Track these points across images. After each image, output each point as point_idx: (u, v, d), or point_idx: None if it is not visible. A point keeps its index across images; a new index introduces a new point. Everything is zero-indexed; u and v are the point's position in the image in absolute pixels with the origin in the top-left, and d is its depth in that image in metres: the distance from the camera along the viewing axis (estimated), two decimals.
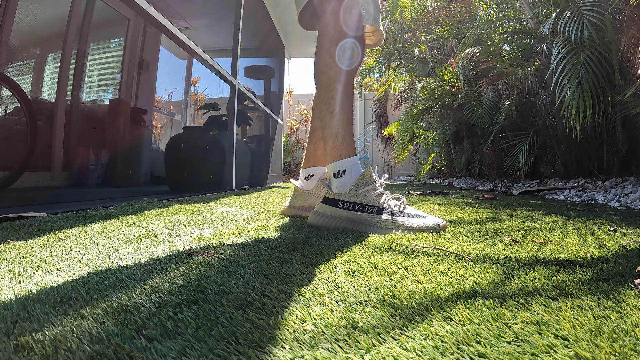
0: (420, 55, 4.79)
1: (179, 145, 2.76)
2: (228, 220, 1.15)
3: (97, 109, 3.19)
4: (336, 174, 1.00)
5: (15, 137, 2.16)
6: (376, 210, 0.94)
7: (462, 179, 4.49)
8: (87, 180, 2.79)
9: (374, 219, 0.93)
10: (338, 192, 0.99)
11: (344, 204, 0.97)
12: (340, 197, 0.98)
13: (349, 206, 0.97)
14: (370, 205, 0.95)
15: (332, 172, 1.01)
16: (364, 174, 0.97)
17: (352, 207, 0.96)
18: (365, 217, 0.94)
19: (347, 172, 0.99)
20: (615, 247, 0.69)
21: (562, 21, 2.14)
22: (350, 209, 0.96)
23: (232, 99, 3.12)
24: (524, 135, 2.89)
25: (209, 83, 5.42)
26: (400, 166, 8.12)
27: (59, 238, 0.81)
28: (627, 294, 0.43)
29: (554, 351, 0.31)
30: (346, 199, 0.97)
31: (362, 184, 0.96)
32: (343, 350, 0.32)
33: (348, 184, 0.98)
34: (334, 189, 1.00)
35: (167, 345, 0.32)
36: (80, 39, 2.93)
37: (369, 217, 0.94)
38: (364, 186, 0.96)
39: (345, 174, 0.99)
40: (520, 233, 0.86)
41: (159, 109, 4.73)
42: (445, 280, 0.50)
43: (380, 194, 0.96)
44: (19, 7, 2.31)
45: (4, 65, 2.36)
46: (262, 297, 0.44)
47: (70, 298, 0.44)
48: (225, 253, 0.68)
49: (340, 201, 0.98)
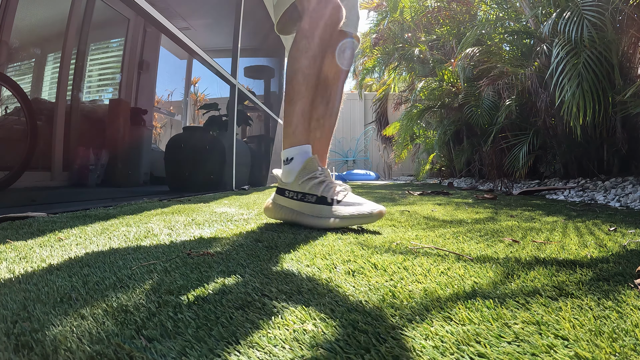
0: (420, 55, 4.79)
1: (179, 145, 2.76)
2: (228, 220, 1.15)
3: (97, 109, 3.19)
4: (285, 161, 0.99)
5: (15, 137, 2.16)
6: (315, 199, 0.92)
7: (462, 179, 4.49)
8: (87, 180, 2.79)
9: (313, 209, 0.92)
10: (285, 182, 0.97)
11: (289, 193, 0.96)
12: (286, 186, 0.97)
13: (293, 195, 0.95)
14: (309, 194, 0.93)
15: (283, 159, 1.00)
16: (307, 161, 0.95)
17: (295, 197, 0.95)
18: (305, 207, 0.93)
19: (294, 160, 0.97)
20: (615, 247, 0.69)
21: (562, 21, 2.14)
22: (294, 199, 0.95)
23: (232, 99, 3.12)
24: (524, 135, 2.89)
25: (209, 83, 5.42)
26: (400, 166, 8.12)
27: (59, 238, 0.81)
28: (627, 294, 0.43)
29: (554, 351, 0.31)
30: (291, 188, 0.96)
31: (305, 172, 0.94)
32: (343, 350, 0.32)
33: (294, 173, 0.96)
34: (283, 179, 0.99)
35: (167, 345, 0.32)
36: (80, 39, 2.93)
37: (308, 207, 0.93)
38: (306, 174, 0.94)
39: (293, 162, 0.97)
40: (520, 233, 0.86)
41: (159, 109, 4.73)
42: (445, 280, 0.50)
43: (320, 182, 0.94)
44: (19, 7, 2.31)
45: (4, 65, 2.36)
46: (262, 297, 0.44)
47: (70, 298, 0.44)
48: (225, 253, 0.68)
49: (286, 190, 0.97)
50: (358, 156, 8.64)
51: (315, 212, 0.92)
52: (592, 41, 2.04)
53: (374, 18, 5.97)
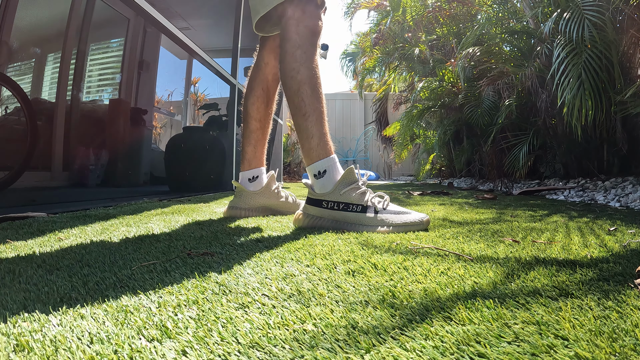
0: (420, 55, 4.79)
1: (179, 146, 2.76)
2: (228, 220, 1.15)
3: (97, 109, 3.19)
4: (317, 175, 1.01)
5: (15, 137, 2.16)
6: (360, 208, 0.96)
7: (462, 179, 4.49)
8: (87, 180, 2.79)
9: (359, 218, 0.95)
10: (321, 192, 0.99)
11: (328, 204, 0.98)
12: (323, 197, 0.99)
13: (333, 205, 0.98)
14: (354, 204, 0.96)
15: (313, 173, 1.02)
16: (346, 173, 0.98)
17: (336, 207, 0.98)
18: (350, 216, 0.96)
19: (328, 172, 1.00)
20: (615, 247, 0.69)
21: (563, 21, 2.14)
22: (334, 209, 0.98)
23: (232, 99, 3.12)
24: (524, 135, 2.89)
25: (209, 83, 5.41)
26: (400, 166, 8.12)
27: (59, 238, 0.81)
28: (627, 294, 0.43)
29: (554, 351, 0.31)
30: (330, 198, 0.98)
31: (345, 183, 0.98)
32: (343, 350, 0.32)
33: (330, 184, 0.99)
34: (316, 190, 1.01)
35: (167, 345, 0.32)
36: (80, 39, 2.93)
37: (353, 216, 0.96)
38: (347, 185, 0.97)
39: (326, 174, 1.00)
40: (521, 233, 0.86)
41: (159, 109, 4.72)
42: (445, 280, 0.50)
43: (363, 192, 0.97)
44: (19, 7, 2.31)
45: (4, 65, 2.36)
46: (262, 297, 0.44)
47: (70, 298, 0.44)
48: (225, 253, 0.68)
49: (324, 201, 0.99)
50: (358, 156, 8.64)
51: (363, 221, 0.95)
52: (593, 41, 2.04)
53: (374, 18, 5.97)
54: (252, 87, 1.30)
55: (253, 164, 1.30)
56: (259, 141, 1.31)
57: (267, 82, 1.29)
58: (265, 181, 1.28)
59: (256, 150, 1.30)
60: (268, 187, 1.28)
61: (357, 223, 0.95)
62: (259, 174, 1.30)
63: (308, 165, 1.03)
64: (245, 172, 1.30)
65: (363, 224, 0.94)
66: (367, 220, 0.94)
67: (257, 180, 1.29)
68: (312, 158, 1.02)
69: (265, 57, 1.30)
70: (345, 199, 0.97)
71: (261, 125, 1.31)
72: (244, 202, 1.26)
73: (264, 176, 1.30)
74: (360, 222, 0.95)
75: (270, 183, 1.29)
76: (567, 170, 2.81)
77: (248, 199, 1.27)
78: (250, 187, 1.28)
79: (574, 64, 2.07)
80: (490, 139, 3.18)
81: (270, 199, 1.29)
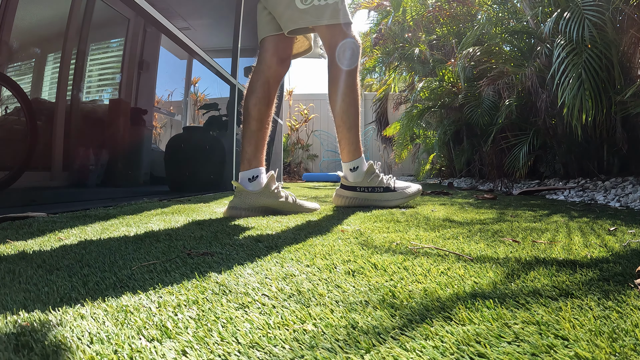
0: (420, 55, 4.79)
1: (179, 145, 2.76)
2: (228, 220, 1.15)
3: (97, 109, 3.18)
4: (352, 169, 1.43)
5: (15, 137, 2.16)
6: (383, 189, 1.44)
7: (462, 179, 4.49)
8: (87, 180, 2.79)
9: (384, 195, 1.44)
10: (355, 181, 1.43)
11: (361, 188, 1.43)
12: (357, 184, 1.43)
13: (364, 189, 1.43)
14: (378, 187, 1.43)
15: (349, 167, 1.42)
16: (369, 167, 1.42)
17: (366, 190, 1.43)
18: (377, 195, 1.44)
19: (359, 167, 1.42)
20: (615, 247, 0.69)
21: (563, 21, 2.13)
22: (365, 191, 1.43)
23: (232, 99, 3.12)
24: (524, 135, 2.88)
25: (209, 83, 5.40)
26: (400, 166, 8.11)
27: (59, 238, 0.81)
28: (627, 294, 0.43)
29: (554, 351, 0.31)
30: (362, 184, 1.43)
31: (369, 173, 1.42)
32: (343, 350, 0.32)
33: (361, 175, 1.42)
34: (351, 179, 1.43)
35: (167, 345, 0.32)
36: (80, 39, 2.93)
37: (379, 195, 1.44)
38: (370, 175, 1.43)
39: (359, 168, 1.42)
40: (521, 233, 0.86)
41: (159, 109, 4.72)
42: (445, 280, 0.50)
43: (381, 179, 1.44)
44: (19, 7, 2.31)
45: (4, 65, 2.36)
46: (262, 297, 0.44)
47: (70, 298, 0.44)
48: (225, 253, 0.68)
49: (358, 187, 1.44)
50: None
51: (385, 197, 1.44)
52: (593, 41, 2.04)
53: (374, 18, 5.96)
54: (254, 89, 1.31)
55: (253, 164, 1.31)
56: (259, 141, 1.32)
57: (268, 84, 1.33)
58: (265, 181, 1.29)
59: (256, 151, 1.32)
60: (268, 187, 1.28)
61: (382, 200, 1.43)
62: (258, 174, 1.30)
63: (346, 162, 1.43)
64: (245, 172, 1.30)
65: (386, 199, 1.43)
66: (390, 197, 1.43)
67: (257, 180, 1.30)
68: (350, 157, 1.42)
69: (268, 59, 1.32)
70: (372, 183, 1.42)
71: (261, 126, 1.32)
72: (243, 202, 1.26)
73: (264, 176, 1.31)
74: (384, 198, 1.43)
75: (270, 183, 1.29)
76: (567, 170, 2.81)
77: (248, 199, 1.27)
78: (250, 187, 1.28)
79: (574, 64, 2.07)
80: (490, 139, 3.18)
81: (270, 199, 1.30)
